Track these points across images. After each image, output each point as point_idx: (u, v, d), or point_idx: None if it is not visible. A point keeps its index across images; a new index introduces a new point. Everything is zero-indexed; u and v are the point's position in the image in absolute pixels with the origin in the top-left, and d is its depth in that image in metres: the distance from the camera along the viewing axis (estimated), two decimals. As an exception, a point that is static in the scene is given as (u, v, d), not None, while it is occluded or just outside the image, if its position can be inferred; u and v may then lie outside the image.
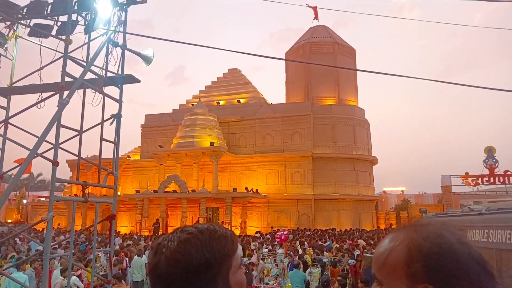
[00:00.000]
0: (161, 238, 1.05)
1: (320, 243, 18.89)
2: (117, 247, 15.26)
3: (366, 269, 12.16)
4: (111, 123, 7.20)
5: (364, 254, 13.13)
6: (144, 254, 12.80)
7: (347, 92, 38.25)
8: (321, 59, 37.51)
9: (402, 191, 44.20)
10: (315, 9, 39.61)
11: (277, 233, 19.31)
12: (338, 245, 17.49)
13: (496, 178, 33.88)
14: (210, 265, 0.98)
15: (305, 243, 19.11)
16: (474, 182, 33.99)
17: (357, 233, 24.93)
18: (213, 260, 0.98)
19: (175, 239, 1.01)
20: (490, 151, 34.59)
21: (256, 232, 27.93)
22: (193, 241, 0.99)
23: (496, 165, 34.15)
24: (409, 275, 0.83)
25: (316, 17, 40.54)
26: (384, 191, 44.43)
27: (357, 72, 41.28)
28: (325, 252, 15.35)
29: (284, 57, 41.43)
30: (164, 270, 0.98)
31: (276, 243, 18.05)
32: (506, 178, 33.79)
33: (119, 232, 32.72)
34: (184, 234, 1.02)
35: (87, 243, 18.91)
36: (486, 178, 33.92)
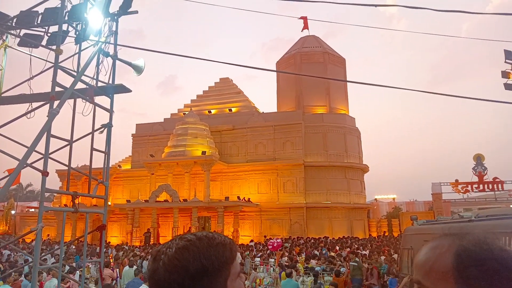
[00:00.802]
0: (161, 245, 1.06)
1: (315, 252, 18.83)
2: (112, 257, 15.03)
3: (353, 278, 12.16)
4: (101, 132, 7.17)
5: (350, 263, 13.13)
6: (135, 264, 12.64)
7: (337, 100, 38.55)
8: (312, 68, 37.81)
9: (393, 199, 44.40)
10: (305, 19, 40.03)
11: (270, 241, 19.23)
12: (335, 254, 17.46)
13: (486, 185, 34.23)
14: (207, 272, 0.98)
15: (304, 252, 18.99)
16: (464, 189, 34.27)
17: (349, 241, 24.93)
18: (210, 268, 0.98)
19: (174, 246, 1.02)
20: (479, 159, 35.00)
21: (251, 241, 27.78)
22: (191, 248, 1.00)
23: (485, 172, 34.52)
24: (460, 280, 0.86)
25: (306, 27, 40.98)
26: (375, 199, 44.58)
27: (348, 82, 41.63)
28: (311, 260, 15.34)
29: (275, 67, 41.68)
30: (162, 277, 0.98)
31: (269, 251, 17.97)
32: (495, 185, 34.16)
33: (110, 242, 32.38)
34: (183, 241, 1.03)
35: (81, 254, 18.64)
36: (476, 185, 34.23)
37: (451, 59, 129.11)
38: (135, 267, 12.24)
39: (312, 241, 25.78)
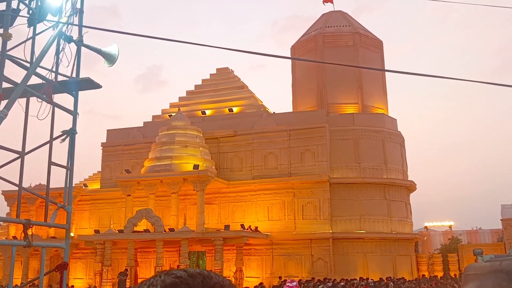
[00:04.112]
0: (141, 282, 1.06)
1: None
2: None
3: None
4: (63, 141, 7.22)
5: None
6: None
7: (373, 96, 38.44)
8: (338, 54, 37.78)
9: (450, 227, 43.96)
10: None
11: (286, 284, 19.11)
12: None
13: None
14: None
15: None
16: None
17: (391, 284, 24.70)
18: None
19: (158, 284, 1.02)
20: None
21: (260, 284, 27.60)
22: (180, 287, 1.00)
23: None
24: None
25: (330, 0, 41.14)
26: (425, 227, 44.15)
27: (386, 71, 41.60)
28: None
29: (290, 53, 41.79)
30: None
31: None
32: None
33: (73, 286, 32.35)
34: (170, 277, 1.03)
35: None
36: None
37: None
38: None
39: (342, 284, 25.55)
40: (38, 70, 6.95)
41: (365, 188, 33.52)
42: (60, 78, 7.47)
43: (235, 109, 37.64)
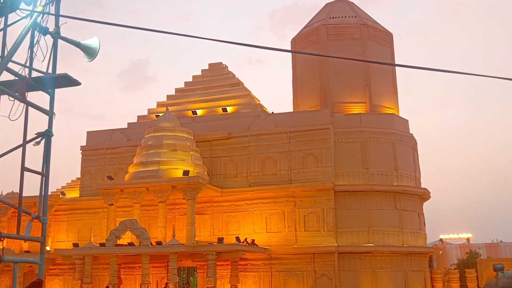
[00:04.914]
0: None
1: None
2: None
3: None
4: (37, 144, 7.18)
5: None
6: None
7: (382, 95, 38.49)
8: (344, 47, 37.81)
9: (468, 239, 43.98)
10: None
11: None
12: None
13: None
14: None
15: None
16: None
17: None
18: None
19: None
20: None
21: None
22: None
23: None
24: None
25: (335, -12, 41.26)
26: (441, 240, 44.15)
27: (397, 67, 41.67)
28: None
29: (290, 46, 41.82)
30: None
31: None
32: None
33: (49, 306, 32.23)
34: None
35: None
36: None
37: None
38: None
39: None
40: (10, 65, 6.92)
41: (374, 196, 33.51)
42: (34, 74, 7.43)
43: (229, 109, 37.61)
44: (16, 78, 7.03)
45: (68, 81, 7.53)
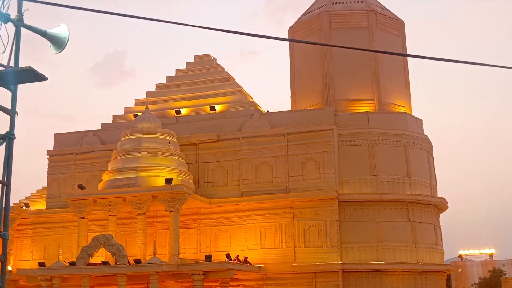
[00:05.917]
0: None
1: None
2: None
3: None
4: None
5: None
6: None
7: (392, 91, 38.71)
8: (349, 37, 37.98)
9: (490, 255, 44.30)
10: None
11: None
12: None
13: None
14: None
15: None
16: None
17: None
18: None
19: None
20: None
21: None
22: None
23: None
24: None
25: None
26: (460, 256, 44.33)
27: (409, 58, 41.81)
28: None
29: (287, 35, 41.87)
30: None
31: None
32: None
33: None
34: None
35: None
36: None
37: None
38: None
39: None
40: (-35, 56, 6.83)
41: (384, 207, 33.65)
42: (-7, 67, 7.36)
43: (218, 107, 37.70)
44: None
45: (33, 76, 7.50)
